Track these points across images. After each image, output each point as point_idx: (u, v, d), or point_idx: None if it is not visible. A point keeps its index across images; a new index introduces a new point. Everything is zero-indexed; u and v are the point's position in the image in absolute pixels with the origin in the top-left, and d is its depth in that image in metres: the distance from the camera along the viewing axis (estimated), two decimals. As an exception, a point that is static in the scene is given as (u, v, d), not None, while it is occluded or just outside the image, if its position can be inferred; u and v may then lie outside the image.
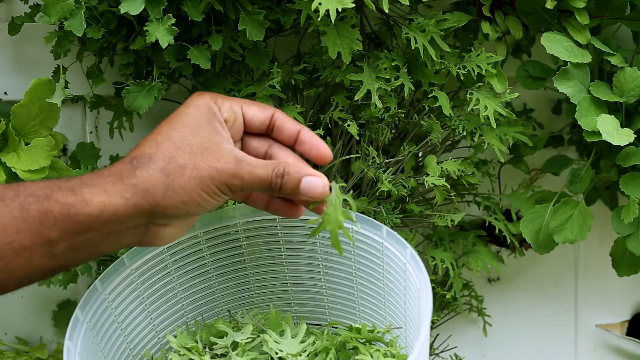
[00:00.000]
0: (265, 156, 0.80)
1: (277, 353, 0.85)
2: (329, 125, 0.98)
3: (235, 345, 0.87)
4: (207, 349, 0.88)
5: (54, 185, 0.70)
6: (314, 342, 0.87)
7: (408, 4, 0.88)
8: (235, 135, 0.78)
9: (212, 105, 0.75)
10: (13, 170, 0.94)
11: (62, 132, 1.11)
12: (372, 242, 0.85)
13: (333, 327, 0.92)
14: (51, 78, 0.95)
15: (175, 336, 0.89)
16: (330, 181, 0.77)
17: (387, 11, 0.88)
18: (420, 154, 1.03)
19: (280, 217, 0.89)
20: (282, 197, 0.81)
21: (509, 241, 1.09)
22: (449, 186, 0.97)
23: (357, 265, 0.89)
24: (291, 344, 0.86)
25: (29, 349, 1.17)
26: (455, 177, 0.99)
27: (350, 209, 0.78)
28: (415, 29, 0.95)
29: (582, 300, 1.27)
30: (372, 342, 0.86)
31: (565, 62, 0.97)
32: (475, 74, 0.98)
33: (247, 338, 0.87)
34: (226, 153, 0.74)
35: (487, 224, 1.10)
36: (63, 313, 1.18)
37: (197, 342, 0.88)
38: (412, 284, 0.80)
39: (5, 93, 1.10)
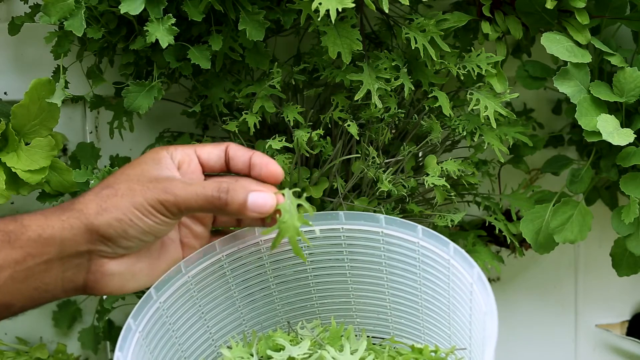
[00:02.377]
0: None
1: None
2: (329, 125, 0.98)
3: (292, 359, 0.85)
4: None
5: None
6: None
7: (408, 4, 0.88)
8: (195, 176, 0.79)
9: (163, 152, 0.78)
10: (13, 170, 0.94)
11: (62, 132, 1.11)
12: (439, 258, 0.82)
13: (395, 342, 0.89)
14: (51, 78, 0.95)
15: (229, 347, 0.86)
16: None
17: (387, 11, 0.88)
18: (420, 154, 1.03)
19: (345, 227, 0.86)
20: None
21: (509, 241, 1.09)
22: (449, 186, 0.97)
23: (423, 280, 0.86)
24: None
25: (29, 349, 1.17)
26: (455, 177, 0.99)
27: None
28: (415, 29, 0.95)
29: (582, 300, 1.27)
30: None
31: (565, 62, 0.97)
32: (475, 74, 0.98)
33: (304, 353, 0.84)
34: (164, 177, 0.75)
35: (487, 224, 1.09)
36: (63, 313, 1.18)
37: (252, 355, 0.85)
38: (478, 306, 0.77)
39: (5, 93, 1.10)
